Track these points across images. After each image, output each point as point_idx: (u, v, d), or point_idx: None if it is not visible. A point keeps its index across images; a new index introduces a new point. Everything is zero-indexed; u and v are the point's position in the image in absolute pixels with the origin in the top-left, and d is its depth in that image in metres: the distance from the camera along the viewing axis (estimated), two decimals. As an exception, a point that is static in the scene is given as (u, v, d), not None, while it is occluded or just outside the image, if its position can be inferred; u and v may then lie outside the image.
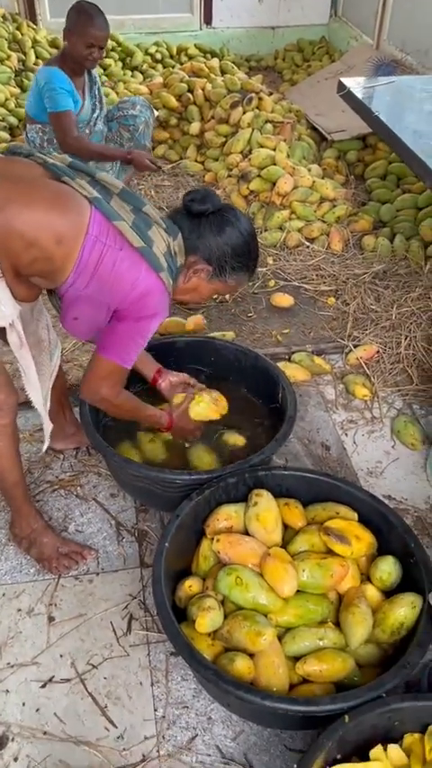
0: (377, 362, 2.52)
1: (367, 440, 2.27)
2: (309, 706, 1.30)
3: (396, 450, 2.24)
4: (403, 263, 2.91)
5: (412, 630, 1.48)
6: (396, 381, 2.46)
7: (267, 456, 1.83)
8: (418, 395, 2.41)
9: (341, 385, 2.47)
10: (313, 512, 1.74)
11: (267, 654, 1.44)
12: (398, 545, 1.64)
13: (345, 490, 1.76)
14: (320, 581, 1.55)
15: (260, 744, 1.51)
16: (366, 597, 1.56)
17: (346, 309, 2.73)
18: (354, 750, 1.29)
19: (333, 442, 2.26)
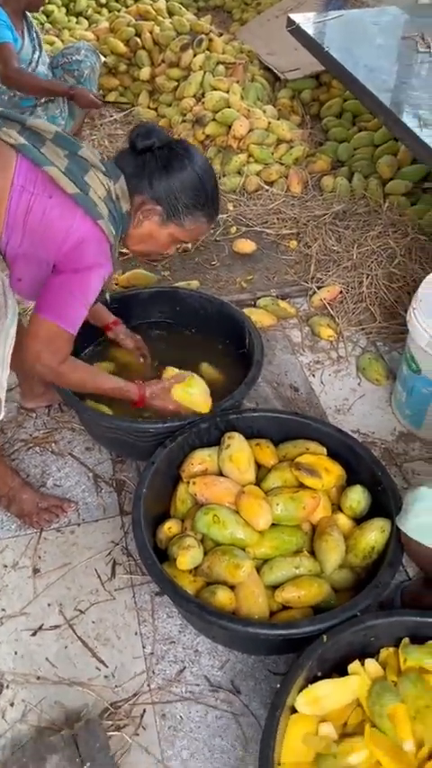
0: (341, 303, 2.55)
1: (334, 379, 2.32)
2: (289, 629, 1.37)
3: (362, 387, 2.30)
4: (362, 203, 2.92)
5: (383, 553, 1.55)
6: (360, 320, 2.50)
7: (237, 400, 1.87)
8: (381, 332, 2.46)
9: (306, 327, 2.50)
10: (284, 450, 1.79)
11: (247, 585, 1.51)
12: (366, 475, 1.70)
13: (313, 427, 1.81)
14: (294, 513, 1.61)
15: (245, 670, 1.59)
16: (338, 525, 1.63)
17: (309, 252, 2.74)
18: (333, 667, 1.37)
19: (301, 383, 2.31)
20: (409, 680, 1.31)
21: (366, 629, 1.38)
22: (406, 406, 2.11)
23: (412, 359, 1.99)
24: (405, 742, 1.23)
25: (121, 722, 1.48)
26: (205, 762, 1.44)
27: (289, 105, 3.61)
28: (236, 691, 1.55)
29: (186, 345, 2.19)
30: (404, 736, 1.23)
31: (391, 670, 1.36)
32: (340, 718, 1.31)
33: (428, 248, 2.61)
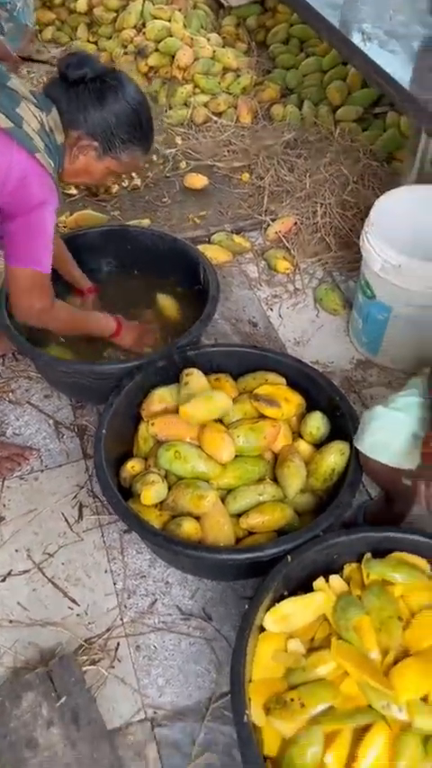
0: (296, 235, 2.51)
1: (292, 312, 2.31)
2: (254, 552, 1.39)
3: (320, 318, 2.29)
4: (313, 130, 2.85)
5: (343, 475, 1.57)
6: (315, 251, 2.48)
7: (195, 336, 1.85)
8: (337, 262, 2.44)
9: (263, 262, 2.47)
10: (244, 383, 1.79)
11: (212, 514, 1.52)
12: (324, 402, 1.71)
13: (272, 358, 1.80)
14: (255, 443, 1.62)
15: (216, 597, 1.62)
16: (299, 452, 1.64)
17: (261, 184, 2.68)
18: (298, 586, 1.40)
19: (259, 318, 2.29)
20: (372, 593, 1.35)
21: (329, 548, 1.41)
22: (363, 333, 2.12)
23: (367, 285, 1.98)
24: (370, 652, 1.27)
25: (96, 656, 1.51)
26: (181, 687, 1.48)
27: (234, 33, 3.46)
28: (207, 617, 1.59)
29: (139, 285, 2.15)
30: (369, 647, 1.27)
31: (355, 585, 1.40)
32: (307, 634, 1.35)
33: (381, 174, 2.57)
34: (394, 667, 1.24)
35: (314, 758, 1.17)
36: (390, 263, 1.83)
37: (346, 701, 1.22)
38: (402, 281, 1.84)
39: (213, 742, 1.40)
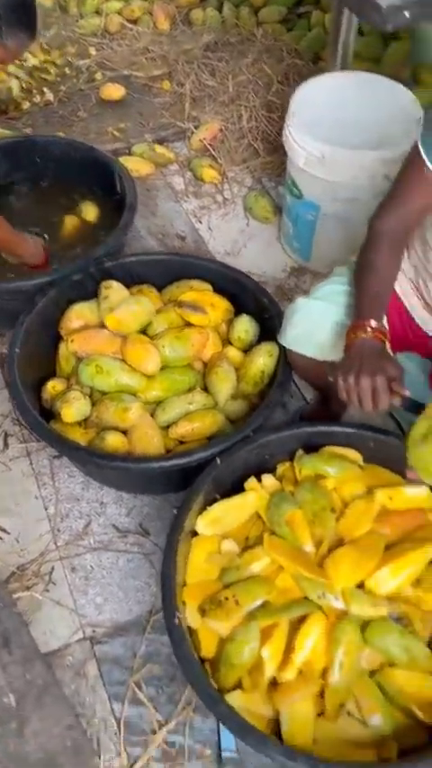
0: (222, 142, 2.38)
1: (222, 222, 2.21)
2: (182, 458, 1.33)
3: (251, 228, 2.19)
4: (234, 32, 2.69)
5: (273, 378, 1.51)
6: (243, 158, 2.35)
7: (112, 247, 1.73)
8: (265, 168, 2.33)
9: (189, 172, 2.34)
10: (168, 293, 1.69)
11: (139, 426, 1.45)
12: (253, 306, 1.63)
13: (196, 265, 1.71)
14: (182, 353, 1.54)
15: (152, 512, 1.57)
16: (228, 358, 1.57)
17: (182, 91, 2.52)
18: (231, 489, 1.35)
19: (188, 231, 2.18)
20: (305, 488, 1.31)
21: (260, 447, 1.36)
22: (293, 238, 2.03)
23: (293, 184, 1.89)
24: (304, 545, 1.24)
25: (29, 582, 1.45)
26: (120, 603, 1.44)
27: None
28: (145, 532, 1.54)
29: (52, 199, 2.01)
30: (303, 540, 1.24)
31: (288, 482, 1.35)
32: (241, 534, 1.31)
33: (306, 73, 2.43)
34: (328, 557, 1.21)
35: (252, 654, 1.14)
36: (313, 155, 1.73)
37: (281, 595, 1.19)
38: (327, 173, 1.74)
39: (155, 653, 1.36)
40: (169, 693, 1.31)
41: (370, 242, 1.27)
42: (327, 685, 1.13)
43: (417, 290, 1.34)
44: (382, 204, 1.26)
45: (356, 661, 1.14)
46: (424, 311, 1.34)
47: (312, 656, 1.14)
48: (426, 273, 1.29)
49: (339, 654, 1.13)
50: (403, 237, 1.26)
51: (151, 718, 1.28)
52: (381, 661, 1.18)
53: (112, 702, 1.30)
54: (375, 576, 1.19)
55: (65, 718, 1.17)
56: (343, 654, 1.13)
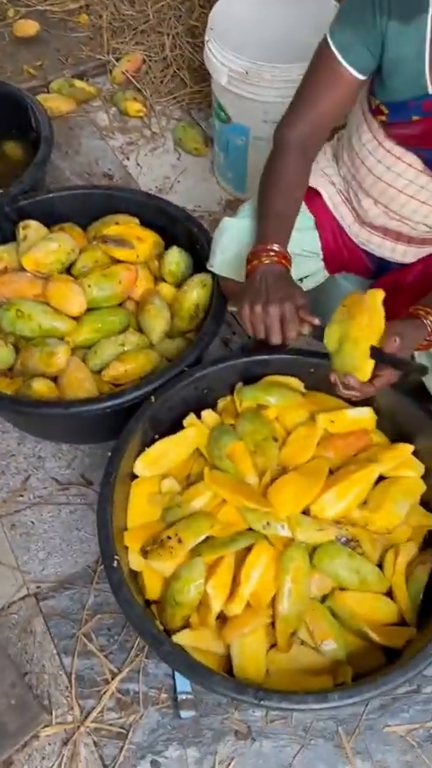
0: (145, 73, 2.25)
1: (151, 158, 2.09)
2: (113, 399, 1.26)
3: (182, 161, 2.09)
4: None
5: (208, 311, 1.43)
6: (170, 89, 2.23)
7: (28, 185, 1.61)
8: (194, 98, 2.21)
9: (113, 107, 2.21)
10: (92, 230, 1.59)
11: (69, 372, 1.37)
12: (183, 236, 1.55)
13: (120, 198, 1.61)
14: (110, 292, 1.45)
15: (94, 462, 1.50)
16: (161, 294, 1.49)
17: (101, 23, 2.36)
18: (171, 429, 1.29)
19: (116, 169, 2.07)
20: (245, 419, 1.25)
21: (197, 382, 1.29)
22: (226, 168, 1.93)
23: (219, 107, 1.78)
24: (247, 476, 1.18)
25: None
26: (65, 555, 1.38)
27: None
28: (87, 483, 1.47)
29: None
30: (245, 471, 1.19)
31: (229, 415, 1.30)
32: (182, 473, 1.26)
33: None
34: (271, 486, 1.16)
35: (197, 591, 1.09)
36: (236, 72, 1.63)
37: (225, 528, 1.14)
38: (252, 92, 1.64)
39: (104, 603, 1.31)
40: (121, 642, 1.26)
41: (276, 153, 1.16)
42: (277, 615, 1.10)
43: (348, 203, 1.27)
44: (289, 110, 1.15)
45: (306, 588, 1.10)
46: (356, 224, 1.27)
47: (260, 586, 1.10)
48: (355, 183, 1.22)
49: (287, 582, 1.09)
50: (314, 146, 1.17)
51: (103, 668, 1.23)
52: (331, 586, 1.14)
53: (62, 657, 1.25)
54: (320, 501, 1.15)
55: (7, 677, 1.11)
56: (291, 581, 1.09)
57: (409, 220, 1.17)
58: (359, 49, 1.02)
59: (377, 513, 1.17)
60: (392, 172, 1.12)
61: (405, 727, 1.18)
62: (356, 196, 1.24)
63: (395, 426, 1.26)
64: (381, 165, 1.13)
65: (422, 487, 1.23)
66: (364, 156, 1.15)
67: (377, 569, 1.16)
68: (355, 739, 1.17)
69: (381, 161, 1.12)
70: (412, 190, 1.12)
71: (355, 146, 1.18)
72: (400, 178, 1.12)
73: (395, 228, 1.22)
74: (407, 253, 1.25)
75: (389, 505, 1.17)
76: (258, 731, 1.17)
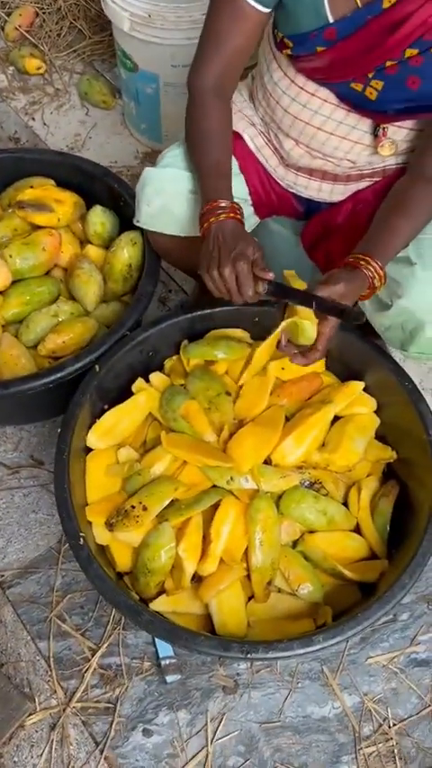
0: (40, 27, 2.11)
1: (58, 116, 1.98)
2: (53, 374, 1.20)
3: (91, 116, 1.98)
4: None
5: (142, 270, 1.38)
6: (68, 42, 2.10)
7: None
8: (96, 49, 2.09)
9: (10, 67, 2.07)
10: (6, 197, 1.49)
11: (2, 350, 1.30)
12: (104, 194, 1.47)
13: (31, 159, 1.51)
14: (34, 261, 1.38)
15: (43, 440, 1.44)
16: (89, 258, 1.42)
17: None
18: (119, 396, 1.24)
19: (21, 131, 1.95)
20: (195, 376, 1.22)
21: (140, 345, 1.25)
22: (139, 119, 1.85)
23: (124, 55, 1.69)
24: (204, 434, 1.16)
25: None
26: (25, 540, 1.33)
27: None
28: (38, 463, 1.42)
29: None
30: (202, 429, 1.16)
31: (178, 375, 1.26)
32: (138, 440, 1.22)
33: None
34: (230, 441, 1.14)
35: (169, 555, 1.08)
36: (138, 16, 1.54)
37: (189, 490, 1.12)
38: (158, 36, 1.56)
39: (74, 582, 1.28)
40: (96, 618, 1.24)
41: (193, 101, 1.11)
42: (251, 567, 1.09)
43: (270, 144, 1.23)
44: (196, 54, 1.10)
45: (276, 536, 1.10)
46: (280, 166, 1.24)
47: (231, 542, 1.09)
48: (274, 125, 1.18)
49: (258, 532, 1.09)
50: (230, 86, 1.13)
51: (82, 646, 1.21)
52: (300, 530, 1.15)
53: (36, 642, 1.21)
54: (280, 449, 1.15)
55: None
56: (261, 532, 1.09)
57: (332, 157, 1.14)
58: None
59: (336, 452, 1.17)
60: (309, 109, 1.08)
61: (386, 656, 1.21)
62: (277, 137, 1.20)
63: (344, 365, 1.26)
64: (296, 104, 1.09)
65: (376, 422, 1.24)
66: (278, 96, 1.11)
67: (343, 508, 1.17)
68: (341, 675, 1.19)
69: (295, 99, 1.09)
70: (331, 126, 1.09)
71: (268, 85, 1.14)
72: (318, 115, 1.08)
73: (319, 168, 1.19)
74: (333, 191, 1.23)
75: (347, 444, 1.18)
76: (245, 683, 1.18)
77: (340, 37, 0.99)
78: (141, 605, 1.01)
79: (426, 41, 0.94)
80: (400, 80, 0.99)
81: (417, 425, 1.15)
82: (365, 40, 0.97)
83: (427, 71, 0.96)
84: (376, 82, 1.01)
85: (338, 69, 1.02)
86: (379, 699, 1.17)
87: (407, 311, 1.08)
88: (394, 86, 1.00)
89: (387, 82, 1.00)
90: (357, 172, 1.19)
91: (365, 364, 1.24)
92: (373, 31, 0.96)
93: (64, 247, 1.42)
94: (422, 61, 0.96)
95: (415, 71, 0.98)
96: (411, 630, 1.23)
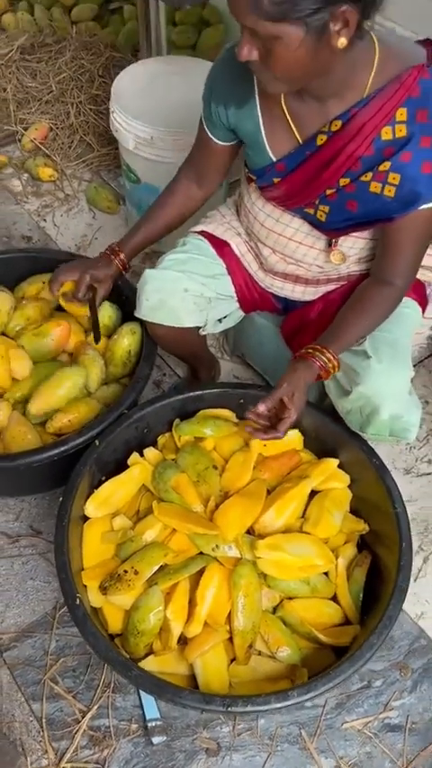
0: (54, 140, 2.37)
1: (67, 219, 2.20)
2: (57, 447, 1.32)
3: (97, 220, 2.20)
4: (49, 32, 2.67)
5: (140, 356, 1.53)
6: (78, 153, 2.36)
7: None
8: (102, 160, 2.35)
9: (25, 174, 2.31)
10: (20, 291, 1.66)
11: (11, 427, 1.42)
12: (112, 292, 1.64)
13: (45, 258, 1.69)
14: (45, 349, 1.53)
15: (42, 512, 1.55)
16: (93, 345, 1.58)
17: (5, 96, 2.47)
18: (116, 469, 1.37)
19: (33, 231, 2.16)
20: (185, 451, 1.35)
21: (137, 422, 1.38)
22: (141, 223, 2.06)
23: (129, 169, 1.92)
24: (193, 505, 1.28)
25: None
26: (22, 605, 1.41)
27: None
28: (36, 532, 1.52)
29: None
30: (191, 500, 1.28)
31: (170, 451, 1.39)
32: (132, 509, 1.33)
33: (126, 64, 2.44)
34: (216, 511, 1.26)
35: (157, 618, 1.16)
36: (141, 138, 1.77)
37: (177, 556, 1.23)
38: (159, 155, 1.79)
39: (66, 646, 1.35)
40: (87, 681, 1.31)
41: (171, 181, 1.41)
42: (233, 630, 1.18)
43: (251, 251, 1.42)
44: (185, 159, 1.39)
45: (257, 601, 1.20)
46: (260, 270, 1.42)
47: (215, 605, 1.19)
48: (254, 235, 1.37)
49: (240, 597, 1.18)
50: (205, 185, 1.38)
51: (73, 708, 1.27)
52: (280, 596, 1.24)
53: (30, 703, 1.28)
54: (262, 519, 1.26)
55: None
56: (243, 596, 1.18)
57: (303, 263, 1.33)
58: (217, 124, 1.24)
59: (318, 526, 1.27)
60: (281, 223, 1.27)
61: (361, 720, 1.28)
62: (257, 246, 1.38)
63: (320, 444, 1.39)
64: (270, 219, 1.28)
65: (350, 496, 1.36)
66: (255, 213, 1.31)
67: (324, 576, 1.27)
68: (318, 739, 1.25)
69: (270, 215, 1.28)
70: (300, 236, 1.28)
71: (247, 204, 1.34)
72: (288, 227, 1.27)
73: (292, 272, 1.37)
74: (306, 292, 1.40)
75: (326, 518, 1.29)
76: (227, 746, 1.24)
77: (289, 169, 1.18)
78: (132, 662, 1.10)
79: (353, 172, 1.12)
80: (341, 204, 1.18)
81: (384, 500, 1.27)
82: (307, 173, 1.17)
83: (361, 195, 1.14)
84: (323, 207, 1.20)
85: (292, 197, 1.22)
86: (354, 763, 1.23)
87: (364, 396, 1.21)
88: (338, 210, 1.19)
89: (331, 206, 1.19)
90: (325, 276, 1.36)
91: (339, 443, 1.38)
92: (312, 165, 1.15)
93: (72, 336, 1.58)
94: (355, 188, 1.14)
95: (351, 196, 1.16)
96: (385, 696, 1.31)
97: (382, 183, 1.10)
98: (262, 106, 1.15)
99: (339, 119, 1.08)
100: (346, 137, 1.09)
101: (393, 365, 1.21)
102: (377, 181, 1.10)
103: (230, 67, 1.16)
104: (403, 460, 1.68)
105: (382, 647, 1.27)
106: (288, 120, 1.13)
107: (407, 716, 1.28)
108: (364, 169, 1.11)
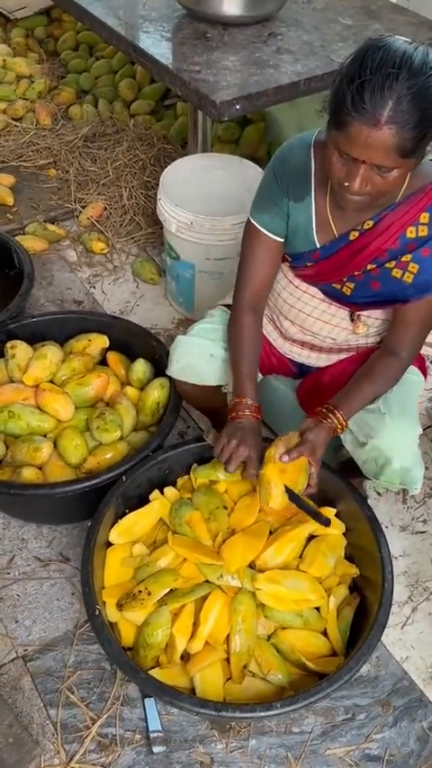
0: (107, 218, 2.69)
1: (114, 287, 2.48)
2: (89, 480, 1.53)
3: (140, 289, 2.48)
4: (110, 123, 3.05)
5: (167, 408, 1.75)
6: (128, 231, 2.66)
7: (14, 312, 1.95)
8: (148, 238, 2.64)
9: (80, 246, 2.62)
10: (69, 347, 1.92)
11: (52, 463, 1.64)
12: (146, 349, 1.89)
13: (92, 320, 1.96)
14: (85, 396, 1.76)
15: (71, 541, 1.74)
16: (127, 395, 1.81)
17: (67, 177, 2.83)
18: (139, 502, 1.56)
19: (84, 296, 2.44)
20: (200, 492, 1.54)
21: (160, 464, 1.58)
22: (177, 294, 2.33)
23: (170, 248, 2.20)
24: (203, 539, 1.46)
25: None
26: (47, 623, 1.58)
27: (24, 43, 3.58)
28: (65, 559, 1.70)
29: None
30: (201, 535, 1.46)
31: (186, 490, 1.58)
32: (150, 539, 1.52)
33: (176, 155, 2.81)
34: (223, 545, 1.43)
35: (164, 634, 1.33)
36: (183, 223, 2.05)
37: (186, 581, 1.40)
38: (197, 237, 2.06)
39: (84, 661, 1.51)
40: (99, 693, 1.46)
41: (234, 319, 1.50)
42: (231, 651, 1.34)
43: (272, 322, 1.65)
44: (237, 280, 1.50)
45: (253, 627, 1.36)
46: (279, 338, 1.64)
47: (216, 627, 1.35)
48: (276, 309, 1.60)
49: (239, 622, 1.34)
50: (262, 303, 1.52)
51: (85, 716, 1.42)
52: (275, 626, 1.40)
53: (48, 709, 1.43)
54: (263, 556, 1.43)
55: (5, 719, 1.30)
56: (241, 621, 1.34)
57: (318, 335, 1.55)
58: (274, 218, 1.41)
59: (312, 566, 1.44)
60: (301, 301, 1.50)
61: (344, 749, 1.40)
62: (278, 318, 1.61)
63: (320, 493, 1.56)
64: (292, 297, 1.51)
65: (344, 542, 1.52)
66: (279, 290, 1.54)
67: (315, 611, 1.42)
68: (302, 763, 1.37)
69: (292, 294, 1.51)
70: (317, 313, 1.50)
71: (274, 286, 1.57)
72: (307, 305, 1.50)
73: (309, 341, 1.59)
74: (319, 359, 1.62)
75: (320, 559, 1.45)
76: (220, 761, 1.37)
77: (322, 257, 1.41)
78: (139, 668, 1.26)
79: (379, 260, 1.35)
80: (366, 283, 1.40)
81: (373, 546, 1.43)
82: (340, 260, 1.40)
83: (384, 278, 1.36)
84: (349, 284, 1.42)
85: (322, 276, 1.45)
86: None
87: (378, 449, 1.39)
88: (362, 287, 1.41)
89: (357, 284, 1.41)
90: (337, 347, 1.58)
91: (337, 494, 1.55)
92: (344, 254, 1.38)
93: (109, 387, 1.82)
94: (379, 272, 1.37)
95: (375, 278, 1.38)
96: (367, 729, 1.42)
97: (403, 270, 1.32)
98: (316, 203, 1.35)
99: (371, 219, 1.31)
100: (376, 233, 1.31)
101: (404, 422, 1.40)
102: (399, 268, 1.32)
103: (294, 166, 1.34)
104: (400, 518, 1.83)
105: (368, 684, 1.42)
106: (329, 217, 1.36)
107: (386, 748, 1.40)
108: (389, 258, 1.33)
